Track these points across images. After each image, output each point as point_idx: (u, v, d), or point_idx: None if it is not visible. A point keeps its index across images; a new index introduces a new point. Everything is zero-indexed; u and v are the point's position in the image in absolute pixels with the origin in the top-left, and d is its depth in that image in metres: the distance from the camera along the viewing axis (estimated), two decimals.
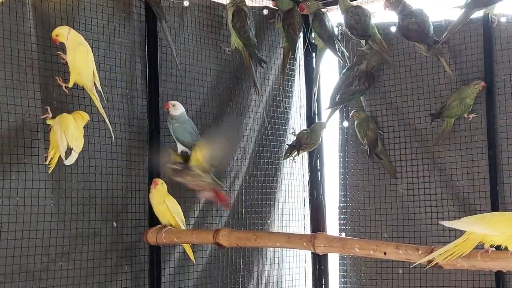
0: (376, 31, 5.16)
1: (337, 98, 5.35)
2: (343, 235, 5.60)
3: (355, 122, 5.36)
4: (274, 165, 5.50)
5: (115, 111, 4.46)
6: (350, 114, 5.41)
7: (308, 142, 5.29)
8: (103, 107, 4.19)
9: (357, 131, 5.36)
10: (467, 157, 5.11)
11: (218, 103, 5.11)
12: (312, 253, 5.57)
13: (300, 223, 5.64)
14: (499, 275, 4.84)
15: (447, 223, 3.61)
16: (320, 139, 5.39)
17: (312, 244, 3.88)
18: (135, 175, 4.56)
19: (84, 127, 4.09)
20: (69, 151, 3.92)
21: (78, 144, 3.94)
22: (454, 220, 4.90)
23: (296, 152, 5.35)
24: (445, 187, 5.21)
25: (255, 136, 5.38)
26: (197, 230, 4.62)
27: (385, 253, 3.67)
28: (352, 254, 3.89)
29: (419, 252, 3.58)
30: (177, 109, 4.56)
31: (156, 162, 4.59)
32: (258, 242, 4.07)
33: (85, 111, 4.16)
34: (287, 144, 5.43)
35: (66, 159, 3.91)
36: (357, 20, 5.10)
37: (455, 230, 4.89)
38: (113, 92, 4.46)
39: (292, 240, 3.99)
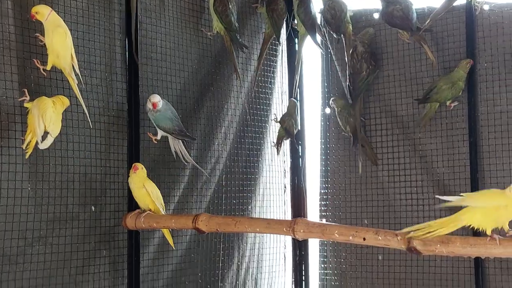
0: (350, 26, 5.15)
1: (354, 89, 5.25)
2: (324, 221, 5.59)
3: (336, 110, 5.34)
4: (255, 151, 5.48)
5: (93, 95, 4.41)
6: (329, 102, 5.39)
7: (295, 128, 5.28)
8: (81, 91, 4.14)
9: (338, 119, 5.34)
10: (448, 144, 5.10)
11: (199, 88, 5.08)
12: (292, 239, 5.55)
13: (280, 209, 5.63)
14: (478, 262, 4.85)
15: (447, 198, 3.58)
16: (300, 124, 5.37)
17: (291, 229, 3.86)
18: (114, 159, 4.52)
19: (64, 111, 4.05)
20: (45, 135, 3.87)
21: (54, 129, 3.89)
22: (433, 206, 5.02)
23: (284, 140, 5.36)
24: (426, 174, 5.21)
25: (236, 122, 5.35)
26: (177, 215, 4.59)
27: (364, 239, 3.66)
28: (331, 240, 3.86)
29: (398, 238, 3.57)
30: (159, 105, 4.49)
31: (135, 146, 4.55)
32: (238, 227, 4.05)
33: (63, 95, 4.11)
34: (278, 136, 5.38)
35: (41, 142, 3.86)
36: (333, 15, 5.10)
37: (434, 217, 5.00)
38: (92, 75, 4.41)
39: (271, 225, 3.97)
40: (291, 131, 5.22)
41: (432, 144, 5.18)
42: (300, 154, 5.72)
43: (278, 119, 5.36)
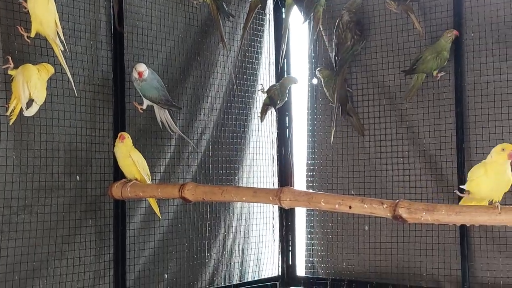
0: (321, 9, 5.12)
1: (339, 59, 5.23)
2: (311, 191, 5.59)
3: (323, 81, 5.31)
4: (242, 121, 5.46)
5: (78, 63, 4.38)
6: (315, 72, 5.36)
7: (279, 98, 5.25)
8: (66, 59, 4.10)
9: (325, 90, 5.31)
10: (435, 115, 5.09)
11: (185, 57, 5.04)
12: (280, 209, 5.58)
13: (268, 179, 5.63)
14: (464, 231, 4.87)
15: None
16: (288, 94, 5.34)
17: (278, 198, 3.85)
18: (99, 129, 4.49)
19: (48, 79, 4.01)
20: (30, 102, 3.83)
21: (39, 96, 3.86)
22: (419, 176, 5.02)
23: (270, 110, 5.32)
24: (412, 144, 5.21)
25: (223, 91, 5.32)
26: (163, 184, 4.57)
27: (350, 207, 3.65)
28: (318, 208, 3.85)
29: (384, 206, 3.57)
30: (145, 74, 4.45)
31: (121, 115, 4.53)
32: (224, 196, 4.04)
33: (48, 63, 4.07)
34: (263, 104, 5.34)
35: (26, 110, 3.83)
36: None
37: (420, 187, 5.02)
38: (76, 43, 4.37)
39: (258, 194, 3.95)
40: (275, 99, 5.18)
41: (419, 115, 5.17)
42: (287, 124, 5.71)
43: (265, 89, 5.33)
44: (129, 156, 4.33)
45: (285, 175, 5.65)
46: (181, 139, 4.94)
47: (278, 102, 5.22)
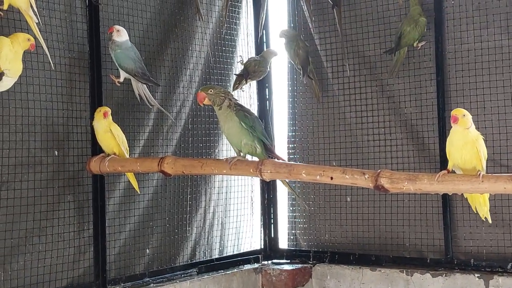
0: None
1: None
2: None
3: (284, 41, 5.24)
4: (223, 87, 5.36)
5: (53, 36, 4.28)
6: (279, 34, 5.26)
7: (256, 70, 5.16)
8: (41, 32, 4.00)
9: (286, 51, 5.23)
10: (415, 84, 5.07)
11: (162, 29, 4.96)
12: (261, 182, 5.53)
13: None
14: (446, 200, 4.87)
15: None
16: (269, 67, 5.27)
17: (259, 170, 3.81)
18: (76, 103, 4.41)
19: (24, 52, 3.91)
20: (0, 76, 3.74)
21: (12, 68, 3.75)
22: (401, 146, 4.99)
23: (244, 81, 5.22)
24: (393, 114, 5.19)
25: (201, 64, 5.24)
26: (142, 158, 4.52)
27: (331, 178, 3.62)
28: (299, 180, 3.82)
29: (366, 177, 3.54)
30: (122, 35, 4.40)
31: (98, 89, 4.45)
32: (204, 169, 3.99)
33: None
34: (235, 74, 5.29)
35: None
36: None
37: (402, 157, 5.00)
38: (51, 15, 4.27)
39: (238, 166, 3.91)
40: (249, 70, 5.07)
41: (399, 84, 5.14)
42: (267, 97, 5.65)
43: (244, 61, 5.25)
44: (109, 130, 4.27)
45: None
46: (160, 113, 4.87)
47: (253, 73, 5.11)
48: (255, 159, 4.02)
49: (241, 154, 3.96)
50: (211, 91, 3.94)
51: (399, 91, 5.15)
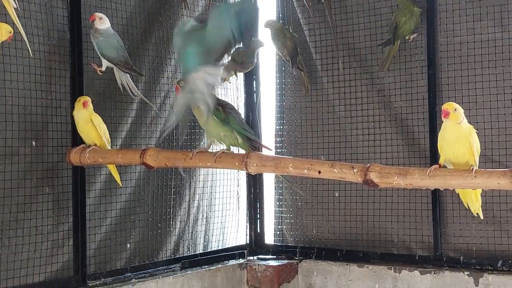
0: None
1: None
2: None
3: (270, 32, 5.09)
4: None
5: (32, 22, 4.12)
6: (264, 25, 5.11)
7: (244, 61, 5.01)
8: (19, 17, 3.85)
9: (273, 42, 5.09)
10: (406, 77, 4.95)
11: (146, 17, 4.80)
12: (247, 175, 5.40)
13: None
14: (436, 196, 4.75)
15: None
16: (256, 58, 5.13)
17: (244, 163, 3.68)
18: (55, 91, 4.26)
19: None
20: None
21: None
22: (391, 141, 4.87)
23: (232, 73, 5.09)
24: (383, 108, 5.07)
25: None
26: (123, 149, 4.37)
27: (319, 172, 3.49)
28: (286, 174, 3.68)
29: (355, 171, 3.41)
30: (104, 22, 4.25)
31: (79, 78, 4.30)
32: (188, 162, 3.85)
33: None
34: (222, 66, 5.12)
35: None
36: None
37: (392, 151, 4.88)
38: (30, 1, 4.11)
39: (223, 159, 3.76)
40: (237, 61, 4.87)
41: (390, 78, 5.02)
42: (254, 89, 5.51)
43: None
44: (90, 120, 4.12)
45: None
46: (143, 103, 4.73)
47: (240, 65, 4.96)
48: (242, 151, 3.88)
49: (225, 146, 3.83)
50: (182, 83, 3.79)
51: (389, 84, 5.03)
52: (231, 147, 3.84)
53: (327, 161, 3.54)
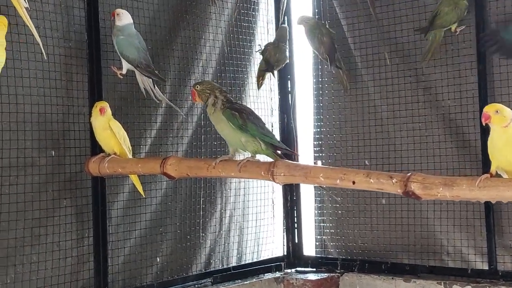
0: None
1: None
2: (319, 163, 5.09)
3: (304, 30, 4.73)
4: (238, 86, 4.94)
5: (47, 23, 3.88)
6: (297, 22, 4.77)
7: (278, 58, 4.68)
8: (33, 19, 3.61)
9: (309, 40, 4.73)
10: (454, 74, 4.57)
11: (172, 16, 4.52)
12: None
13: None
14: (489, 207, 4.35)
15: None
16: (288, 50, 4.78)
17: (270, 173, 3.35)
18: (74, 97, 4.01)
19: (11, 41, 3.49)
20: None
21: None
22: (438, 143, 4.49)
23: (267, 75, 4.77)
24: (430, 108, 4.69)
25: (216, 54, 4.79)
26: (144, 158, 4.08)
27: (353, 183, 3.14)
28: (316, 184, 3.34)
29: (393, 181, 3.04)
30: (123, 18, 3.98)
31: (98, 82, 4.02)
32: (210, 172, 3.53)
33: (10, 23, 3.55)
34: (258, 69, 4.78)
35: None
36: None
37: (440, 155, 4.49)
38: (43, 1, 3.85)
39: (248, 169, 3.44)
40: (271, 61, 4.62)
41: (436, 74, 4.65)
42: (289, 89, 5.17)
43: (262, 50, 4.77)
44: (108, 127, 3.85)
45: (288, 146, 5.08)
46: (170, 108, 4.43)
47: (276, 63, 4.64)
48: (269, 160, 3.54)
49: (251, 154, 3.50)
50: (197, 87, 3.51)
51: (436, 81, 4.65)
52: (257, 155, 3.51)
53: (362, 171, 3.18)
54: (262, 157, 3.57)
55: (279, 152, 3.54)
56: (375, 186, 3.10)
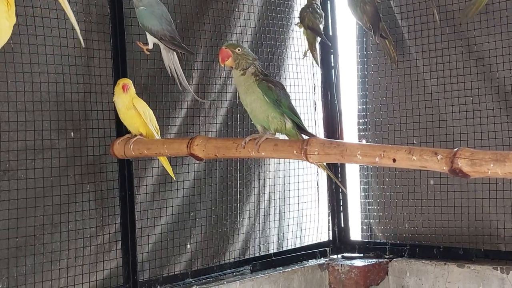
0: None
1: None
2: (364, 141, 4.78)
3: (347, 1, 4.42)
4: (276, 62, 4.65)
5: None
6: None
7: (319, 21, 4.37)
8: None
9: (351, 10, 4.40)
10: (509, 42, 4.22)
11: None
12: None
13: (311, 130, 4.77)
14: None
15: None
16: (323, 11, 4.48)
17: (304, 151, 3.04)
18: (96, 75, 3.78)
19: (24, 15, 3.26)
20: None
21: None
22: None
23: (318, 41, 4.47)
24: (483, 80, 4.35)
25: (251, 27, 4.51)
26: (170, 139, 3.81)
27: (394, 160, 2.81)
28: (354, 163, 3.03)
29: (438, 157, 2.71)
30: None
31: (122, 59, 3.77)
32: (240, 152, 3.25)
33: None
34: (308, 42, 4.47)
35: None
36: None
37: (495, 130, 4.15)
38: None
39: (279, 147, 3.14)
40: (315, 27, 4.31)
41: (490, 44, 4.29)
42: (332, 64, 4.84)
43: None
44: (132, 106, 3.60)
45: (331, 125, 4.80)
46: (201, 85, 4.18)
47: (318, 27, 4.33)
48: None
49: (270, 131, 3.21)
50: (239, 49, 3.21)
51: (489, 51, 4.30)
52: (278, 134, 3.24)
53: (403, 147, 2.85)
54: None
55: (303, 135, 3.26)
56: (418, 163, 2.77)
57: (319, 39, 4.44)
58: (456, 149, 2.72)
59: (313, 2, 4.36)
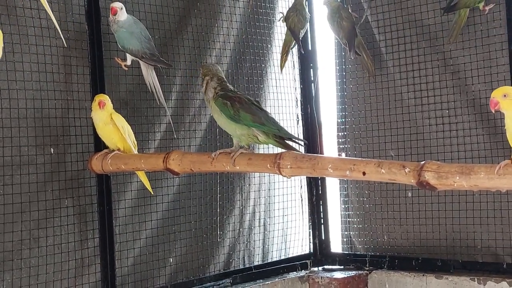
0: None
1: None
2: (343, 155, 4.84)
3: (326, 12, 4.48)
4: (257, 76, 4.70)
5: (42, 13, 3.68)
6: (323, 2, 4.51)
7: (301, 26, 4.44)
8: (25, 8, 3.41)
9: (329, 24, 4.48)
10: (484, 56, 4.30)
11: (182, 2, 4.30)
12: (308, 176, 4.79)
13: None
14: None
15: None
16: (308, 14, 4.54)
17: (276, 165, 3.10)
18: (74, 91, 3.82)
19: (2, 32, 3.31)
20: None
21: None
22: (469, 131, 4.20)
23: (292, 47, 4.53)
24: (459, 93, 4.43)
25: (232, 43, 4.57)
26: (147, 154, 3.85)
27: (364, 173, 2.88)
28: (325, 176, 3.08)
29: (406, 171, 2.77)
30: (124, 13, 3.75)
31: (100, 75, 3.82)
32: (215, 166, 3.30)
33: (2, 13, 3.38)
34: (283, 44, 4.54)
35: None
36: None
37: (471, 143, 4.21)
38: None
39: (253, 161, 3.19)
40: (296, 30, 4.37)
41: (465, 57, 4.38)
42: (312, 78, 4.90)
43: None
44: (109, 122, 3.64)
45: (312, 138, 4.85)
46: (181, 100, 4.22)
47: (301, 31, 4.39)
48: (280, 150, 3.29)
49: (243, 145, 3.26)
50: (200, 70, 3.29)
51: (465, 65, 4.37)
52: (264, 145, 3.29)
53: (373, 160, 2.91)
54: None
55: (288, 142, 3.28)
56: (387, 176, 2.83)
57: (294, 42, 4.50)
58: (423, 162, 2.77)
59: (294, 8, 4.41)
